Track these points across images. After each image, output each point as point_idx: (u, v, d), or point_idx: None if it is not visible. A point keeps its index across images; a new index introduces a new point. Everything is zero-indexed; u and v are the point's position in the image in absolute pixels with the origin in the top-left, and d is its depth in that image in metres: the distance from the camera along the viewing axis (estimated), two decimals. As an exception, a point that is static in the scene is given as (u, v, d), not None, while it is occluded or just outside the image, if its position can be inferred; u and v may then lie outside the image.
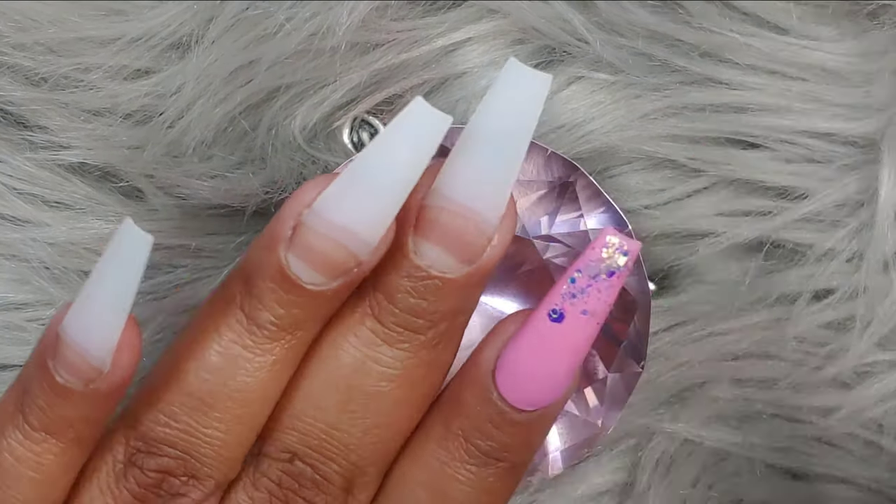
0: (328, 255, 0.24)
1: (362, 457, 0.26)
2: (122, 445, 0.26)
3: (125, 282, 0.24)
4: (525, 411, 0.26)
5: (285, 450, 0.26)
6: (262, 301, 0.25)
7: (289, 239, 0.24)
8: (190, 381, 0.25)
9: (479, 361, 0.27)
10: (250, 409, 0.26)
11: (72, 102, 0.32)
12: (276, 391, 0.26)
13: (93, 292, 0.24)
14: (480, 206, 0.25)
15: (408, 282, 0.25)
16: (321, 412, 0.26)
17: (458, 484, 0.27)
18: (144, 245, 0.23)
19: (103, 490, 0.26)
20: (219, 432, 0.25)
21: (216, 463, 0.26)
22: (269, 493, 0.26)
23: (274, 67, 0.31)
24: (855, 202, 0.33)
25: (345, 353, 0.26)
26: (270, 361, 0.25)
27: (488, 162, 0.24)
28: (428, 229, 0.25)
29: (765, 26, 0.32)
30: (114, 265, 0.24)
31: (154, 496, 0.26)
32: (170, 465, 0.26)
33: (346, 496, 0.27)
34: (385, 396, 0.26)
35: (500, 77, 0.24)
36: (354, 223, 0.24)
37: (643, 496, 0.33)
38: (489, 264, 0.25)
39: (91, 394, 0.25)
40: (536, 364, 0.26)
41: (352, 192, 0.24)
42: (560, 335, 0.26)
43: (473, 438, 0.26)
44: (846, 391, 0.33)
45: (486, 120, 0.24)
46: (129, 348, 0.25)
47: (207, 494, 0.26)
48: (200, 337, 0.25)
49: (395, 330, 0.26)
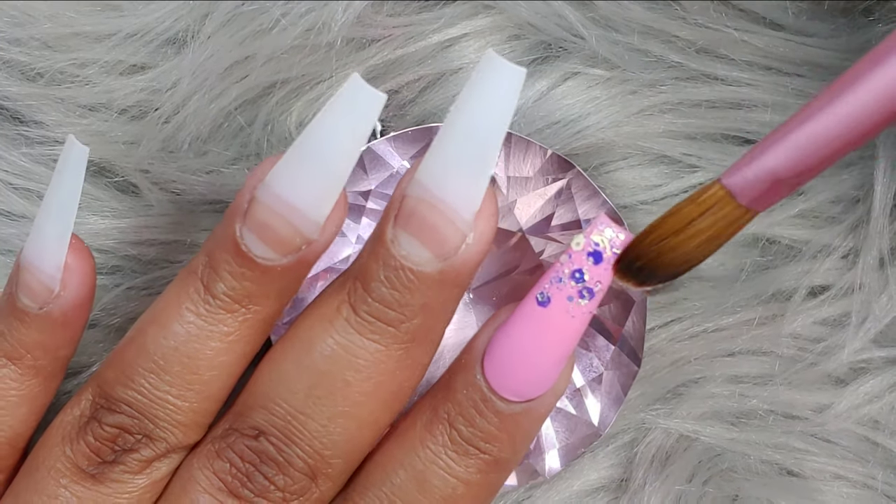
0: (276, 230, 0.25)
1: (326, 445, 0.26)
2: (90, 402, 0.27)
3: (65, 194, 0.26)
4: (510, 401, 0.26)
5: (253, 427, 0.27)
6: (218, 272, 0.26)
7: (244, 213, 0.25)
8: (149, 344, 0.26)
9: (470, 347, 0.27)
10: (200, 376, 0.26)
11: (67, 98, 0.32)
12: (231, 364, 0.27)
13: (41, 215, 0.26)
14: (453, 199, 0.25)
15: (383, 271, 0.25)
16: (290, 394, 0.26)
17: (438, 469, 0.27)
18: (81, 157, 0.26)
19: (64, 438, 0.27)
20: (170, 396, 0.26)
21: (168, 426, 0.27)
22: (230, 463, 0.27)
23: (269, 63, 0.31)
24: (850, 198, 0.33)
25: (318, 338, 0.26)
26: (223, 332, 0.26)
27: (461, 155, 0.24)
28: (405, 219, 0.25)
29: (760, 22, 0.32)
30: (57, 183, 0.26)
31: (108, 450, 0.27)
32: (125, 423, 0.27)
33: (309, 483, 0.27)
34: (351, 387, 0.26)
35: (477, 69, 0.24)
36: (298, 200, 0.25)
37: (639, 492, 0.33)
38: (465, 264, 0.25)
39: (45, 317, 0.27)
40: (522, 350, 0.26)
41: (296, 168, 0.25)
42: (546, 319, 0.26)
43: (457, 423, 0.27)
44: (841, 387, 0.33)
45: (461, 113, 0.24)
46: (78, 271, 0.27)
47: (159, 455, 0.27)
48: (165, 304, 0.27)
49: (367, 319, 0.26)
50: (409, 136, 0.31)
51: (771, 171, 0.24)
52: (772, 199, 0.24)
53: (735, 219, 0.25)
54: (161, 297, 0.27)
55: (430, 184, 0.25)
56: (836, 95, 0.23)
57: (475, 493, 0.27)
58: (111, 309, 0.32)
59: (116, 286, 0.32)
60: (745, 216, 0.25)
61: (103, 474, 0.27)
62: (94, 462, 0.27)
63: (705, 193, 0.25)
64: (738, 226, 0.25)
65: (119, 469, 0.27)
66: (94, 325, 0.33)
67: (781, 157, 0.24)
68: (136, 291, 0.32)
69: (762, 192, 0.24)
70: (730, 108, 0.32)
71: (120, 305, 0.32)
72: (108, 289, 0.32)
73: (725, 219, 0.25)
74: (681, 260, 0.25)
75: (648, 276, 0.26)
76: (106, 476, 0.27)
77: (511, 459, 0.27)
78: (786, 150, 0.24)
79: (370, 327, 0.26)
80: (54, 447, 0.27)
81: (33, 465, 0.28)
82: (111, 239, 0.32)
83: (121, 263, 0.33)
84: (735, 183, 0.24)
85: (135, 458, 0.27)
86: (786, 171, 0.24)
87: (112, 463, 0.27)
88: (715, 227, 0.25)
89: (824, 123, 0.23)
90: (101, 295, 0.32)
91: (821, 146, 0.23)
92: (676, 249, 0.25)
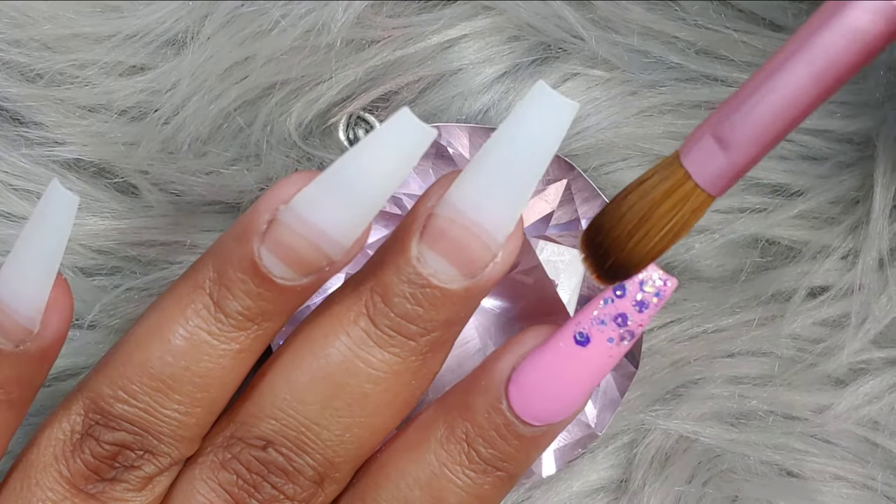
0: (301, 253, 0.25)
1: (338, 454, 0.26)
2: (81, 417, 0.26)
3: (53, 242, 0.25)
4: (533, 426, 0.26)
5: (261, 437, 0.26)
6: (232, 291, 0.25)
7: (263, 233, 0.25)
8: (153, 361, 0.26)
9: (493, 370, 0.27)
10: (210, 393, 0.26)
11: (67, 99, 0.32)
12: (237, 377, 0.26)
13: (21, 254, 0.25)
14: (489, 223, 0.25)
15: (407, 287, 0.25)
16: (304, 406, 0.26)
17: (454, 487, 0.27)
18: (71, 205, 0.24)
19: (58, 457, 0.26)
20: (178, 414, 0.26)
21: (173, 441, 0.26)
22: (237, 475, 0.26)
23: (269, 64, 0.31)
24: (850, 199, 0.33)
25: (335, 350, 0.26)
26: (235, 349, 0.26)
27: (503, 182, 0.24)
28: (434, 239, 0.25)
29: (760, 23, 0.32)
30: (41, 226, 0.25)
31: (108, 467, 0.26)
32: (126, 440, 0.26)
33: (317, 489, 0.27)
34: (369, 398, 0.26)
35: (527, 98, 0.24)
36: (330, 226, 0.24)
37: (638, 493, 0.33)
38: (490, 281, 0.25)
39: (21, 355, 0.25)
40: (553, 383, 0.26)
41: (330, 196, 0.24)
42: (582, 359, 0.26)
43: (476, 445, 0.26)
44: (841, 388, 0.33)
45: (506, 139, 0.24)
46: (59, 309, 0.25)
47: (161, 469, 0.27)
48: (167, 319, 0.26)
49: (388, 333, 0.26)
50: (408, 136, 0.31)
51: (708, 129, 0.23)
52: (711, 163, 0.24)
53: (676, 182, 0.24)
54: (160, 311, 0.26)
55: (464, 206, 0.24)
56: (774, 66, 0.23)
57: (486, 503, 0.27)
58: (111, 310, 0.32)
59: (116, 287, 0.32)
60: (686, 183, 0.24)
61: (104, 493, 0.26)
62: (93, 480, 0.26)
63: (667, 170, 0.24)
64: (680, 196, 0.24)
65: (121, 487, 0.26)
66: (94, 326, 0.33)
67: (717, 115, 0.23)
68: (135, 292, 0.32)
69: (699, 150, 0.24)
70: (729, 109, 0.32)
71: (119, 307, 0.32)
72: (108, 290, 0.32)
73: (668, 180, 0.24)
74: (630, 235, 0.25)
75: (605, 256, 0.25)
76: (107, 494, 0.26)
77: (523, 472, 0.27)
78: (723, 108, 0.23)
79: (391, 340, 0.26)
80: (48, 466, 0.26)
81: (25, 486, 0.27)
82: (111, 240, 0.32)
83: (120, 264, 0.33)
84: (683, 146, 0.24)
85: (137, 475, 0.26)
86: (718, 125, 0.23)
87: (112, 481, 0.26)
88: (659, 188, 0.24)
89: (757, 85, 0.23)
90: (101, 296, 0.32)
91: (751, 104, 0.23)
92: (627, 216, 0.25)
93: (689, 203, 0.24)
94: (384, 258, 0.26)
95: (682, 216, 0.24)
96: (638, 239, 0.25)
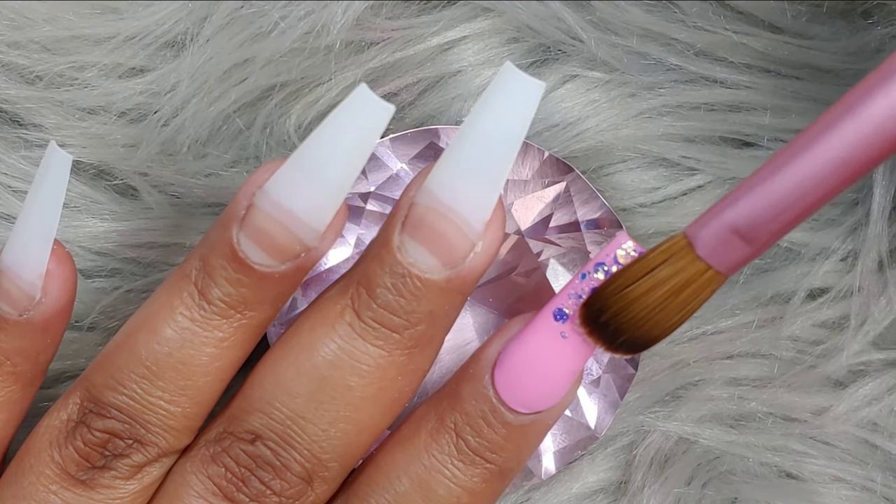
0: (275, 237, 0.25)
1: (325, 449, 0.26)
2: (77, 405, 0.27)
3: (49, 202, 0.26)
4: (519, 412, 0.26)
5: (249, 431, 0.27)
6: (214, 278, 0.26)
7: (241, 219, 0.25)
8: (140, 349, 0.26)
9: (479, 357, 0.27)
10: (194, 381, 0.26)
11: (66, 101, 0.32)
12: (223, 369, 0.27)
13: (22, 220, 0.26)
14: (465, 208, 0.25)
15: (389, 278, 0.25)
16: (290, 399, 0.26)
17: (443, 478, 0.27)
18: (64, 164, 0.25)
19: (52, 443, 0.27)
20: (163, 402, 0.26)
21: (160, 431, 0.27)
22: (226, 468, 0.27)
23: (268, 66, 0.31)
24: (849, 201, 0.33)
25: (321, 343, 0.26)
26: (218, 337, 0.26)
27: (475, 165, 0.24)
28: (414, 228, 0.25)
29: (759, 25, 0.32)
30: (38, 190, 0.26)
31: (98, 455, 0.27)
32: (116, 428, 0.27)
33: (305, 486, 0.27)
34: (353, 391, 0.26)
35: (495, 80, 0.24)
36: (299, 208, 0.25)
37: (637, 494, 0.33)
38: (472, 272, 0.25)
39: (25, 324, 0.26)
40: (536, 363, 0.26)
41: (297, 176, 0.25)
42: (562, 334, 0.26)
43: (464, 434, 0.27)
44: (840, 390, 0.33)
45: (476, 122, 0.24)
46: (60, 278, 0.26)
47: (150, 459, 0.27)
48: (157, 309, 0.26)
49: (372, 325, 0.26)
50: (408, 137, 0.31)
51: (729, 224, 0.24)
52: (733, 255, 0.24)
53: (696, 274, 0.24)
54: (151, 301, 0.27)
55: (440, 193, 0.25)
56: (794, 154, 0.23)
57: (478, 501, 0.27)
58: (110, 312, 0.32)
59: (115, 289, 0.32)
60: (706, 273, 0.24)
61: (94, 480, 0.27)
62: (83, 467, 0.27)
63: (668, 241, 0.25)
64: (699, 285, 0.25)
65: (110, 475, 0.27)
66: (93, 328, 0.33)
67: (739, 210, 0.24)
68: (135, 294, 0.32)
69: (720, 243, 0.24)
70: (729, 111, 0.32)
71: (119, 308, 0.32)
72: (107, 292, 0.32)
73: (686, 271, 0.24)
74: (645, 319, 0.25)
75: (615, 334, 0.25)
76: (96, 482, 0.27)
77: (515, 468, 0.27)
78: (744, 203, 0.24)
79: (374, 333, 0.26)
80: (42, 452, 0.27)
81: (20, 471, 0.27)
82: (110, 242, 0.32)
83: (120, 266, 0.33)
84: (695, 232, 0.24)
85: (125, 464, 0.27)
86: (743, 223, 0.24)
87: (102, 468, 0.27)
88: (676, 280, 0.25)
89: (780, 180, 0.23)
90: (100, 298, 0.32)
91: (776, 203, 0.23)
92: (639, 302, 0.25)
93: (710, 287, 0.25)
94: (370, 250, 0.26)
95: (703, 299, 0.25)
96: (657, 321, 0.25)
